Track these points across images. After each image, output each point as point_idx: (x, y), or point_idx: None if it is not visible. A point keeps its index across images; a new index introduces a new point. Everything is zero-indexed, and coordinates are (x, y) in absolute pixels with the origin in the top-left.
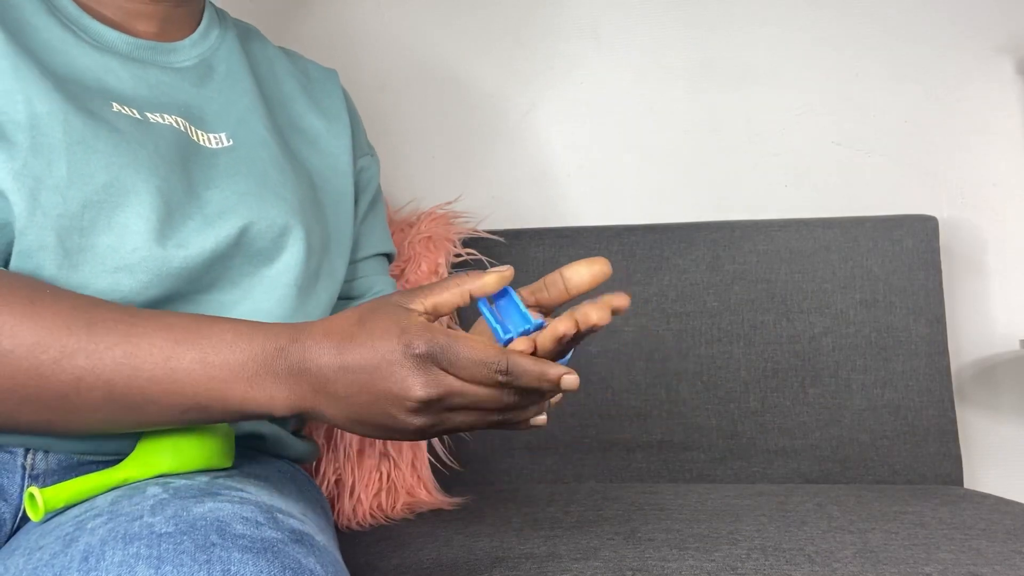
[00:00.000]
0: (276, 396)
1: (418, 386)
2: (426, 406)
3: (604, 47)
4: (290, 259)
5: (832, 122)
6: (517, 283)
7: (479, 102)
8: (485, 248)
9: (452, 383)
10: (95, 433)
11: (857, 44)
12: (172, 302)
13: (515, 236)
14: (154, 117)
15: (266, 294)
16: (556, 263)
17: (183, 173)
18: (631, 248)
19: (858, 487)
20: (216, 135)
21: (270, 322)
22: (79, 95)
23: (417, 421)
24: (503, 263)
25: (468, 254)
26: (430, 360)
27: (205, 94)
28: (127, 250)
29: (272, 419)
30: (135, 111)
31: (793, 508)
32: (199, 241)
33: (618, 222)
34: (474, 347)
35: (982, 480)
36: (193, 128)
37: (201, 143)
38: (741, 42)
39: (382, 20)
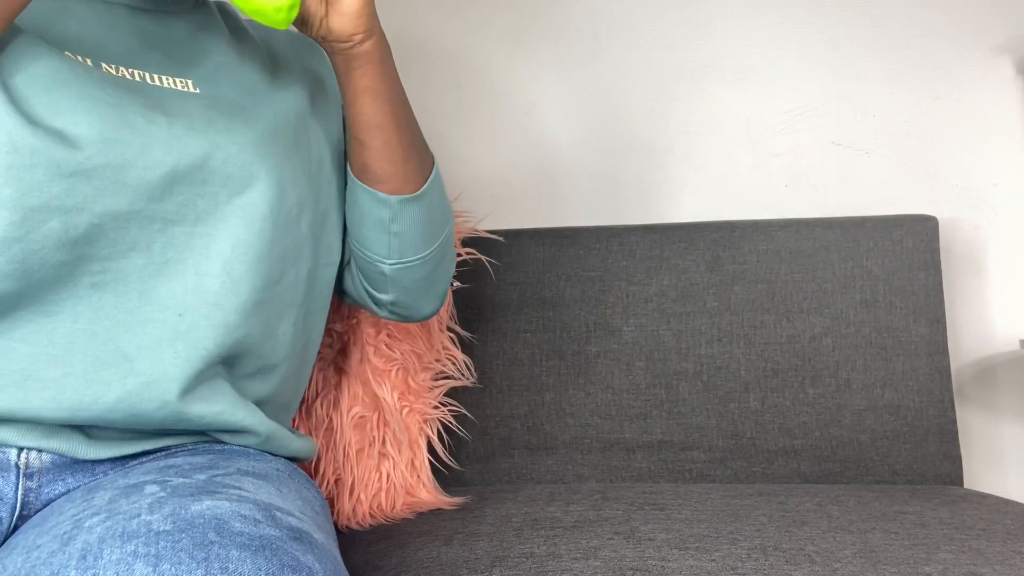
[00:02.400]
0: None
1: None
2: None
3: (604, 47)
4: (264, 189)
5: (832, 122)
6: (517, 284)
7: (479, 101)
8: (485, 248)
9: None
10: None
11: (857, 44)
12: (140, 224)
13: (515, 236)
14: (107, 68)
15: (242, 224)
16: (556, 263)
17: (139, 105)
18: (631, 248)
19: (858, 487)
20: (183, 80)
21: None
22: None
23: None
24: (503, 263)
25: (468, 254)
26: None
27: (182, 40)
28: (83, 156)
29: None
30: (88, 59)
31: (793, 508)
32: (160, 156)
33: (618, 222)
34: None
35: (982, 480)
36: (154, 75)
37: (165, 86)
38: (741, 42)
39: (382, 19)
